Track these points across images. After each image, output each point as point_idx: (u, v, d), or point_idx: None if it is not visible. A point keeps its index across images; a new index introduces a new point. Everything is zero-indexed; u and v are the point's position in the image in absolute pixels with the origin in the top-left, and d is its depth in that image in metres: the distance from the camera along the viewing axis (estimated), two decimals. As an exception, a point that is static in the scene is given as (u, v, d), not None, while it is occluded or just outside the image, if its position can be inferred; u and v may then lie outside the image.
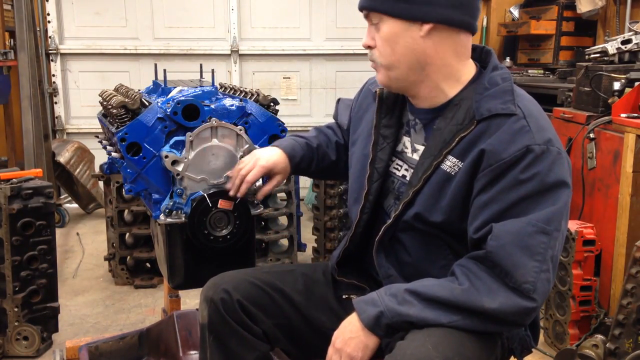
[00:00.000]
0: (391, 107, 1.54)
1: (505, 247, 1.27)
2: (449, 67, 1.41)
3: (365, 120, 1.62)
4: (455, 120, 1.38)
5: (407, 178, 1.49)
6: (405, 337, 1.30)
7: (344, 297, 1.62)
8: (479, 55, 1.49)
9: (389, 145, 1.53)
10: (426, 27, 1.36)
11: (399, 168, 1.53)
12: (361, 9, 1.44)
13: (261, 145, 1.87)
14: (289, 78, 5.33)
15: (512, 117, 1.32)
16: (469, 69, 1.44)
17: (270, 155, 1.72)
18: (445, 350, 1.23)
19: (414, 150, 1.50)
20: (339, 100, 1.89)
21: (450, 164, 1.37)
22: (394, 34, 1.38)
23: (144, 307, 3.22)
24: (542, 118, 1.36)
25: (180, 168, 1.78)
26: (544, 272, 1.27)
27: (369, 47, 1.45)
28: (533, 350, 1.53)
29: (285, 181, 2.89)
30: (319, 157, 1.78)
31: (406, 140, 1.53)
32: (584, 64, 3.11)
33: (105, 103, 2.06)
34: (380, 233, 1.47)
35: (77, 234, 4.41)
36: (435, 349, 1.22)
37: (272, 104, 1.99)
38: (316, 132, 1.84)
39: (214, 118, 1.81)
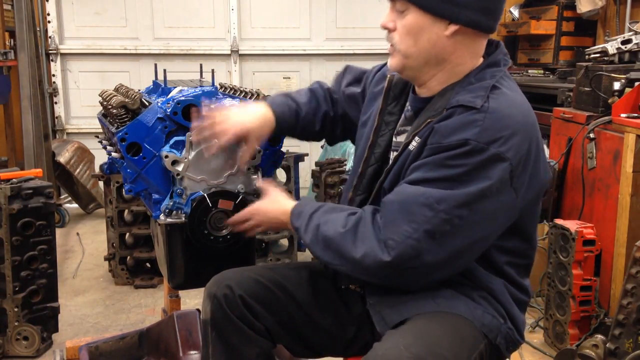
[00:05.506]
0: (398, 94, 1.56)
1: (393, 203, 1.36)
2: (463, 66, 1.43)
3: (376, 104, 1.63)
4: (433, 108, 1.42)
5: None
6: (382, 339, 1.33)
7: (342, 287, 1.63)
8: (491, 48, 1.48)
9: (390, 132, 1.55)
10: (453, 27, 1.37)
11: (392, 155, 1.55)
12: None
13: (261, 146, 1.86)
14: (289, 78, 5.33)
15: (472, 110, 1.33)
16: (474, 65, 1.44)
17: (249, 120, 1.68)
18: (418, 350, 1.24)
19: (399, 132, 1.54)
20: (347, 67, 1.86)
21: (414, 143, 1.41)
22: (418, 27, 1.38)
23: (144, 307, 3.22)
24: (509, 118, 1.33)
25: (180, 168, 1.78)
26: (412, 239, 1.31)
27: (387, 29, 1.44)
28: (537, 350, 1.53)
29: (285, 181, 2.84)
30: (303, 125, 1.79)
31: (397, 127, 1.56)
32: (584, 64, 3.12)
33: (105, 103, 2.05)
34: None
35: (77, 234, 4.41)
36: (408, 349, 1.23)
37: (272, 104, 1.99)
38: (308, 96, 1.81)
39: (214, 118, 1.81)
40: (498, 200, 1.32)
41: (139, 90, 2.18)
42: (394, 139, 1.55)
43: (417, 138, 1.41)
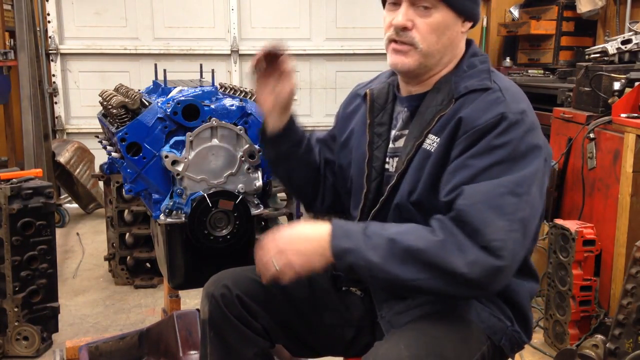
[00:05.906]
0: (383, 104, 1.56)
1: (475, 205, 1.25)
2: (457, 59, 1.47)
3: (354, 121, 1.62)
4: (435, 102, 1.42)
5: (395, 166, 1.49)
6: (383, 338, 1.33)
7: (343, 288, 1.63)
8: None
9: (384, 142, 1.54)
10: (468, 24, 1.44)
11: (390, 162, 1.54)
12: None
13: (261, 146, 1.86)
14: (289, 78, 5.32)
15: (488, 90, 1.37)
16: (460, 56, 1.49)
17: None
18: (418, 350, 1.24)
19: (397, 137, 1.52)
20: (312, 133, 1.78)
21: (430, 141, 1.40)
22: (444, 24, 1.40)
23: (144, 307, 3.22)
24: (517, 93, 1.40)
25: (180, 168, 1.78)
26: (513, 231, 1.25)
27: (404, 29, 1.39)
28: (537, 350, 1.53)
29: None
30: (307, 149, 1.67)
31: (394, 132, 1.54)
32: (584, 64, 3.12)
33: (105, 103, 2.06)
34: (369, 219, 1.48)
35: (77, 234, 4.41)
36: (408, 348, 1.23)
37: (272, 104, 1.98)
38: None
39: (214, 118, 1.81)
40: (544, 171, 1.34)
41: (139, 90, 2.19)
42: (391, 145, 1.53)
43: (431, 135, 1.39)
